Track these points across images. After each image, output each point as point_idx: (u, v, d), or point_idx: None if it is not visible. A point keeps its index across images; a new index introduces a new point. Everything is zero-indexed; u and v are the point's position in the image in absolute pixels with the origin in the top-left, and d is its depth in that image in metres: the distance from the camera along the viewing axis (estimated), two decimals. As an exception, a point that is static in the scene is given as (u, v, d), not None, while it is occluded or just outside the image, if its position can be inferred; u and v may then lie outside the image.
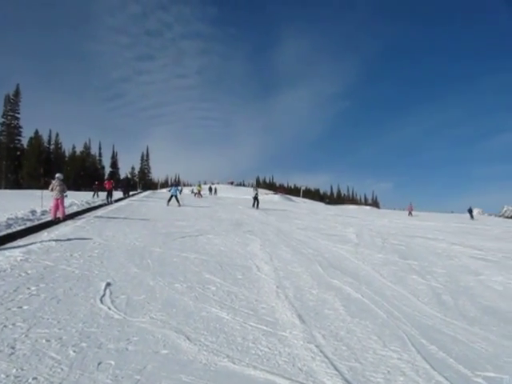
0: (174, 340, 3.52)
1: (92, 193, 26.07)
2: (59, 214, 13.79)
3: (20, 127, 70.53)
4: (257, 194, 25.10)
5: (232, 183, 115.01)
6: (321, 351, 3.39)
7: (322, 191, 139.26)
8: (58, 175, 14.64)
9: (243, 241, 10.00)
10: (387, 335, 3.87)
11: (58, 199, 13.76)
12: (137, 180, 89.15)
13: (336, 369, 3.04)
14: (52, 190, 14.02)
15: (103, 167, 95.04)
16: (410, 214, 34.13)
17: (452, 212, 52.10)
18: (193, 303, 4.67)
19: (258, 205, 24.42)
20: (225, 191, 70.75)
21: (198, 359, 3.14)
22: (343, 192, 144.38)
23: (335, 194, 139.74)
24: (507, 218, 47.25)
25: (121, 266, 6.55)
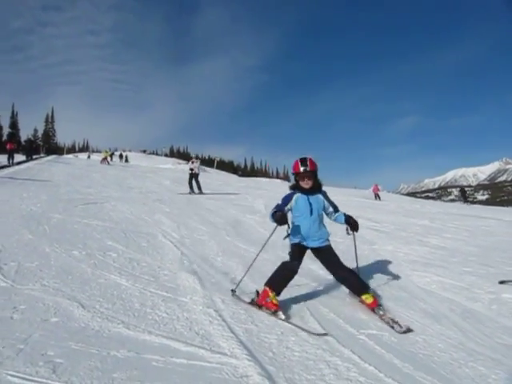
0: (66, 307, 3.35)
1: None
2: None
3: None
4: (195, 167, 15.78)
5: (145, 151, 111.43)
6: (219, 315, 3.43)
7: (236, 163, 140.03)
8: None
9: (151, 209, 9.78)
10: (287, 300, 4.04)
11: None
12: (40, 143, 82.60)
13: (232, 331, 3.10)
14: None
15: (1, 127, 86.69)
16: (376, 196, 27.68)
17: (355, 187, 55.32)
18: (91, 270, 4.48)
19: (198, 184, 15.57)
20: (137, 159, 68.43)
21: (91, 326, 3.03)
22: (257, 165, 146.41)
23: (249, 167, 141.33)
24: (403, 194, 51.43)
25: (14, 231, 6.09)
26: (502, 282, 4.92)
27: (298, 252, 3.91)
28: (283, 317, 3.47)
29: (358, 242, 7.46)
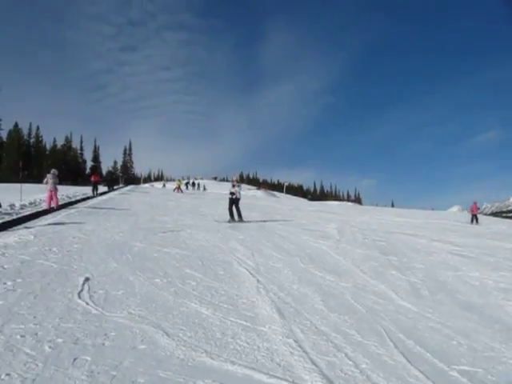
0: (151, 335, 3.49)
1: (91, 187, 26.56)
2: (53, 204, 15.36)
3: (-1, 119, 69.01)
4: (237, 191, 14.26)
5: (215, 178, 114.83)
6: (299, 346, 3.40)
7: (305, 187, 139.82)
8: (52, 170, 16.46)
9: (225, 236, 9.98)
10: (365, 330, 3.91)
11: (51, 191, 15.44)
12: (119, 174, 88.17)
13: (314, 363, 3.05)
14: (46, 182, 15.71)
15: (85, 161, 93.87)
16: (474, 218, 21.66)
17: (432, 209, 52.83)
18: (172, 298, 4.64)
19: (239, 211, 14.12)
20: (208, 186, 70.53)
21: (176, 354, 3.12)
22: (326, 188, 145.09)
23: (318, 191, 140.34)
24: (486, 215, 48.19)
25: (100, 260, 6.47)
26: None
27: None
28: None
29: (440, 268, 7.14)
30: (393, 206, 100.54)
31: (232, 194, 14.24)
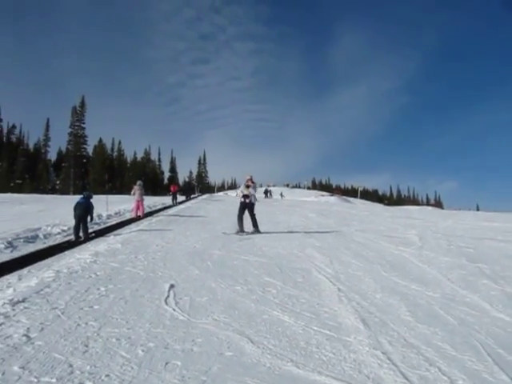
0: (237, 342, 3.54)
1: (171, 197, 28.54)
2: (139, 213, 16.79)
3: (85, 136, 74.61)
4: (251, 194, 11.89)
5: (287, 185, 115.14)
6: (388, 358, 3.26)
7: (380, 192, 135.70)
8: (139, 182, 17.96)
9: (301, 244, 9.92)
10: (459, 343, 3.66)
11: (138, 201, 16.94)
12: (195, 184, 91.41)
13: (405, 377, 2.91)
14: (134, 194, 17.25)
15: (163, 172, 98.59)
16: None
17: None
18: (254, 306, 4.68)
19: (254, 219, 11.75)
20: (281, 192, 70.76)
21: (262, 362, 3.13)
22: (403, 193, 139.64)
23: (395, 195, 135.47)
24: None
25: (182, 268, 6.72)
26: None
27: None
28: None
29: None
30: (478, 209, 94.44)
31: (245, 197, 11.68)
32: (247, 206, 11.74)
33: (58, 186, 71.33)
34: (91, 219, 11.29)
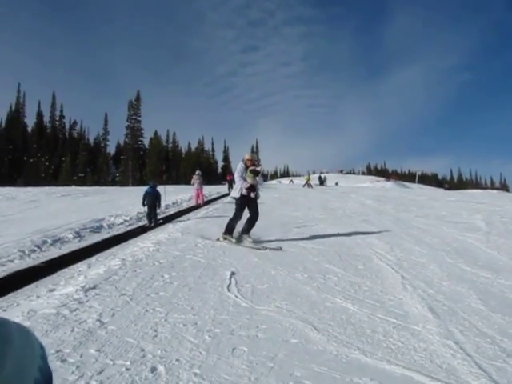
0: (301, 329, 3.53)
1: (227, 186, 29.49)
2: (200, 201, 17.77)
3: (142, 129, 77.19)
4: (258, 183, 8.06)
5: (342, 171, 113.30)
6: (461, 348, 3.13)
7: (440, 176, 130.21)
8: (197, 172, 18.82)
9: (359, 230, 9.73)
10: (537, 334, 3.45)
11: (198, 190, 17.93)
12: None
13: (481, 368, 2.77)
14: (193, 183, 18.38)
15: (216, 161, 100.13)
16: None
17: None
18: (315, 293, 4.64)
19: (252, 224, 8.02)
20: (335, 180, 69.91)
21: (328, 350, 3.10)
22: (465, 176, 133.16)
23: (455, 179, 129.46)
24: None
25: (242, 255, 6.79)
26: None
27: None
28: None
29: None
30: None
31: (251, 189, 7.78)
32: (250, 202, 7.85)
33: (118, 178, 74.41)
34: (159, 206, 12.21)
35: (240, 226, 8.08)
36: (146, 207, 11.73)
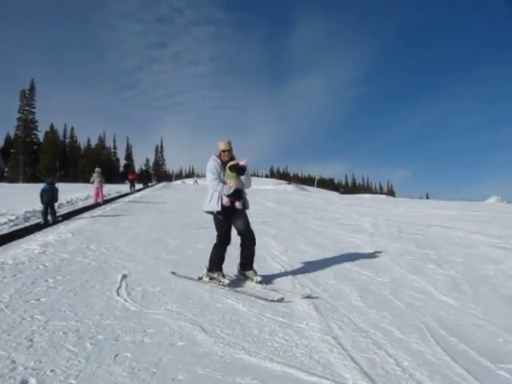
0: (189, 332, 3.51)
1: (129, 185, 28.16)
2: (99, 200, 17.45)
3: (36, 122, 71.64)
4: (243, 186, 5.32)
5: (246, 174, 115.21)
6: (338, 343, 3.33)
7: (336, 181, 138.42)
8: (97, 169, 18.39)
9: (258, 232, 9.92)
10: (406, 326, 3.80)
11: (97, 188, 17.55)
12: (151, 172, 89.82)
13: (354, 361, 2.98)
14: (93, 181, 17.81)
15: (118, 159, 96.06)
16: None
17: (469, 200, 51.32)
18: (208, 295, 4.65)
19: (252, 253, 5.45)
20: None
21: (214, 351, 3.12)
22: (358, 181, 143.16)
23: (350, 184, 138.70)
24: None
25: (136, 257, 6.58)
26: None
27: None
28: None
29: (480, 262, 6.89)
30: (428, 197, 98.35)
31: (234, 196, 5.23)
32: (237, 216, 5.35)
33: (7, 174, 68.16)
34: (56, 201, 11.88)
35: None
36: (43, 205, 11.40)
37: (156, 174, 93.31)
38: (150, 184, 42.38)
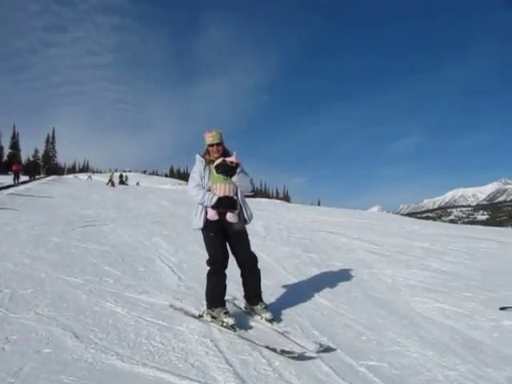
0: (59, 338, 3.29)
1: (12, 176, 25.46)
2: None
3: None
4: (241, 190, 4.16)
5: (145, 172, 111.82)
6: (215, 345, 3.36)
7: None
8: None
9: (150, 232, 9.73)
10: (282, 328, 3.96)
11: None
12: (40, 164, 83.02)
13: (228, 363, 3.03)
14: None
15: (1, 147, 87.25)
16: None
17: (354, 208, 55.34)
18: (86, 297, 4.41)
19: (258, 280, 4.36)
20: (137, 180, 68.73)
21: (84, 358, 2.96)
22: (257, 186, 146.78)
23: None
24: (403, 215, 51.18)
25: (10, 256, 6.03)
26: (502, 308, 4.85)
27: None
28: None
29: (357, 266, 7.44)
30: (319, 204, 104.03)
31: (223, 205, 3.94)
32: (232, 234, 4.16)
33: None
34: None
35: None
36: None
37: (46, 166, 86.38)
38: (37, 177, 39.08)
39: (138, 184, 59.74)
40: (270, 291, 5.28)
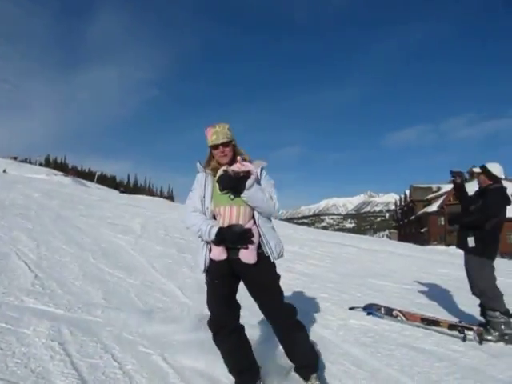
0: None
1: None
2: None
3: None
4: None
5: (15, 158, 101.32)
6: (63, 349, 3.16)
7: (118, 179, 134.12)
8: None
9: (9, 225, 8.84)
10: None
11: None
12: None
13: (74, 367, 2.87)
14: None
15: None
16: None
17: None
18: None
19: (308, 344, 3.01)
20: (4, 167, 62.16)
21: None
22: (140, 182, 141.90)
23: (132, 183, 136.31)
24: (281, 220, 53.53)
25: None
26: (351, 309, 5.36)
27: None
28: None
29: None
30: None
31: (229, 239, 2.63)
32: (252, 281, 2.85)
33: None
34: None
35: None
36: None
37: None
38: None
39: (4, 171, 53.77)
40: (135, 291, 5.16)
